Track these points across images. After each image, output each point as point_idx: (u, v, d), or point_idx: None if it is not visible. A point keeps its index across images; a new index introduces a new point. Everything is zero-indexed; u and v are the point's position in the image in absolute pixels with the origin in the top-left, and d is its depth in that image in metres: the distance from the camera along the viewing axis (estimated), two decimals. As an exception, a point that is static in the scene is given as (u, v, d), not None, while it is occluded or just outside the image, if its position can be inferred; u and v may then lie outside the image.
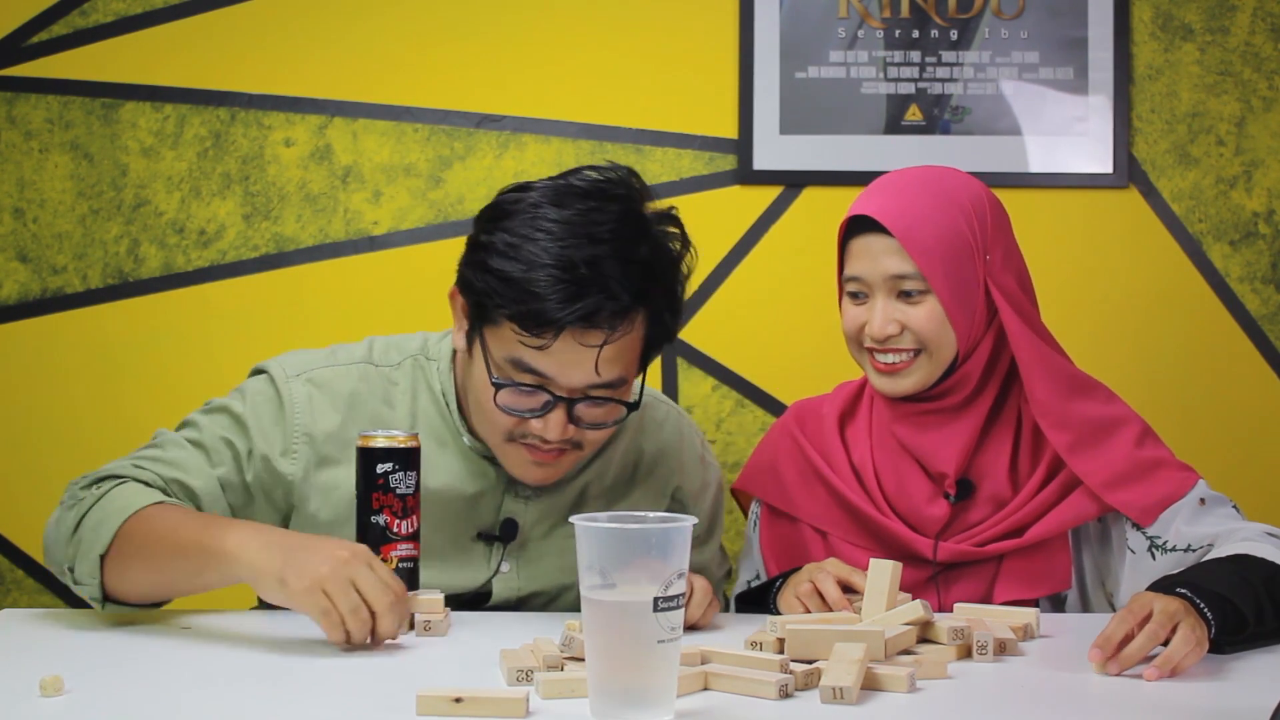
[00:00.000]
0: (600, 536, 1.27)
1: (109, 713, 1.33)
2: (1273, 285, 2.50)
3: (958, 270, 1.82)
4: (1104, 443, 1.85)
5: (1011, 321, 1.84)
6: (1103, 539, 1.89)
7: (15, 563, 2.55)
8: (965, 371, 1.86)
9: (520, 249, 1.64)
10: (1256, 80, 2.50)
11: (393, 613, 1.51)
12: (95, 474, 1.72)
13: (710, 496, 1.96)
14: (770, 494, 1.98)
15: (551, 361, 1.65)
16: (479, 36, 2.53)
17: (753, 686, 1.37)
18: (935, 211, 1.83)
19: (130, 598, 1.66)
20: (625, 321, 1.65)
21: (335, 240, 2.53)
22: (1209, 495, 1.85)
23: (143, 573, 1.62)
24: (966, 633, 1.54)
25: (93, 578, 1.63)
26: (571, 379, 1.66)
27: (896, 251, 1.81)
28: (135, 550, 1.61)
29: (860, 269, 1.85)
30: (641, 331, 1.70)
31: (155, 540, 1.61)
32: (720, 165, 2.53)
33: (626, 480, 1.88)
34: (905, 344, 1.83)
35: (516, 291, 1.63)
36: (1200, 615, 1.51)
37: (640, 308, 1.67)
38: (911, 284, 1.82)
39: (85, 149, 2.53)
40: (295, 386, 1.78)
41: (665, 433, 1.92)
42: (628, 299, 1.64)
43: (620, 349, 1.67)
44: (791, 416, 2.04)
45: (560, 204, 1.66)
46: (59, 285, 2.54)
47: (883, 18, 2.50)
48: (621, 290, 1.63)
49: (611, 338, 1.64)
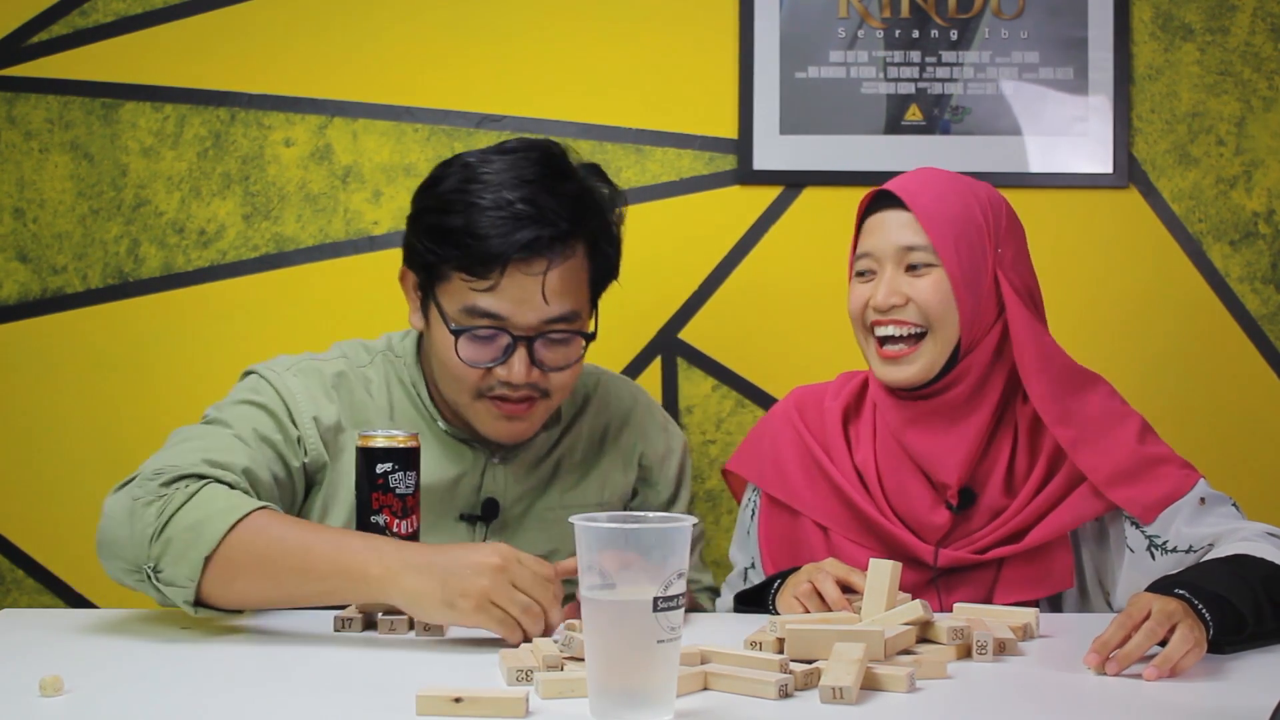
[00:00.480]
0: (600, 537, 1.27)
1: (109, 713, 1.33)
2: (1273, 285, 2.50)
3: (968, 250, 1.84)
4: (1106, 438, 1.85)
5: (1016, 312, 1.85)
6: (1101, 538, 1.89)
7: (15, 563, 2.55)
8: (969, 364, 1.86)
9: (455, 203, 1.77)
10: (1256, 80, 2.50)
11: (557, 601, 1.56)
12: (168, 468, 1.67)
13: (675, 462, 2.02)
14: (771, 484, 1.98)
15: (503, 300, 1.75)
16: (479, 36, 2.53)
17: (753, 686, 1.37)
18: (952, 194, 1.87)
19: (226, 605, 1.62)
20: (565, 248, 1.77)
21: (335, 240, 2.53)
22: (1209, 494, 1.85)
23: (256, 584, 1.59)
24: (966, 633, 1.54)
25: (191, 580, 1.58)
26: (525, 315, 1.76)
27: (909, 224, 1.85)
28: (250, 560, 1.58)
29: (871, 243, 1.88)
30: (585, 263, 1.81)
31: (275, 553, 1.58)
32: (720, 165, 2.53)
33: (595, 451, 1.96)
34: (908, 316, 1.84)
35: (459, 239, 1.75)
36: (1198, 616, 1.51)
37: (578, 237, 1.79)
38: (920, 255, 1.84)
39: (85, 149, 2.53)
40: (287, 378, 1.84)
41: (625, 403, 2.01)
42: (565, 225, 1.76)
43: (565, 279, 1.77)
44: (792, 403, 2.04)
45: (486, 162, 1.80)
46: (59, 285, 2.54)
47: (883, 18, 2.50)
48: (557, 218, 1.75)
49: (554, 264, 1.75)
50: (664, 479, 2.01)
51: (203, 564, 1.58)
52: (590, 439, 1.97)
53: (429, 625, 1.63)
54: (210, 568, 1.58)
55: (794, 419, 2.01)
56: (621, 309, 2.52)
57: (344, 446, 1.83)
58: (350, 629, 1.65)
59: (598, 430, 1.97)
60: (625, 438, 1.98)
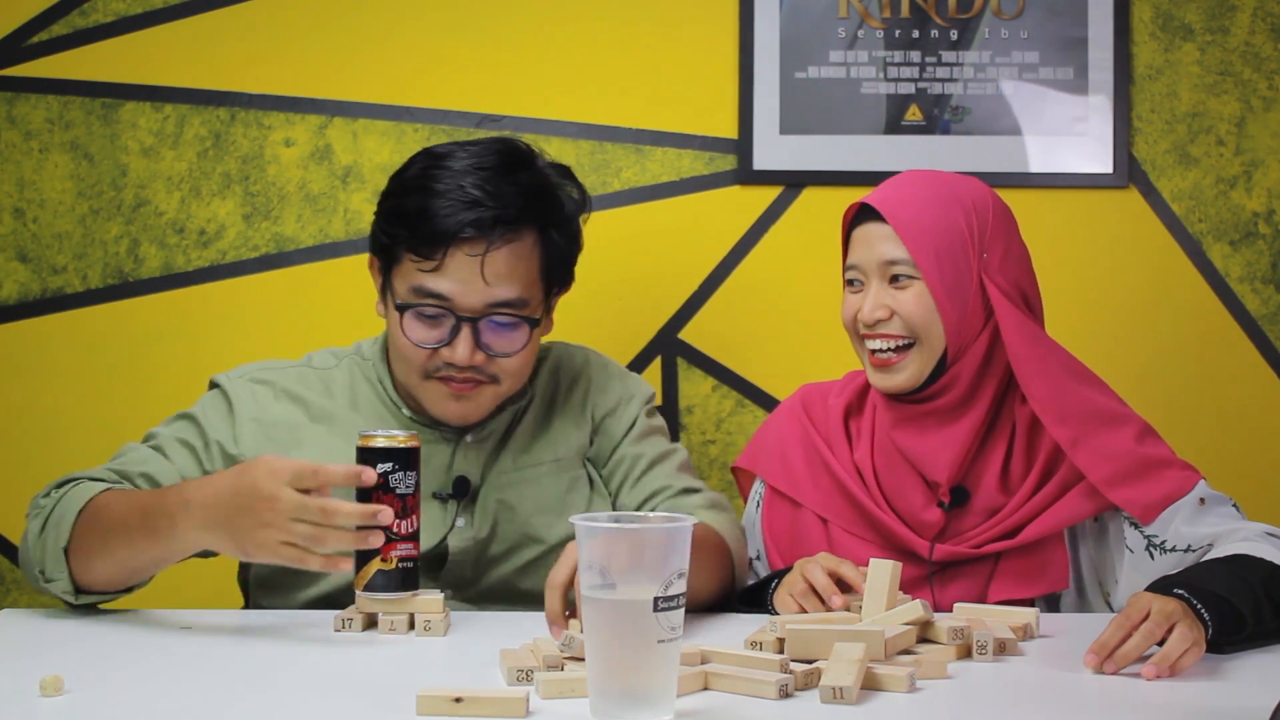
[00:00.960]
0: (600, 536, 1.27)
1: (109, 713, 1.33)
2: (1273, 285, 2.50)
3: (950, 261, 1.84)
4: (1105, 437, 1.85)
5: (1005, 315, 1.85)
6: (1100, 537, 1.89)
7: (15, 563, 2.55)
8: (958, 370, 1.86)
9: (414, 188, 1.84)
10: (1256, 80, 2.50)
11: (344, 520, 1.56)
12: (52, 484, 1.82)
13: (636, 405, 2.01)
14: (775, 476, 2.01)
15: (447, 281, 1.81)
16: (479, 36, 2.53)
17: (753, 686, 1.37)
18: (933, 203, 1.87)
19: (99, 583, 1.72)
20: (510, 232, 1.81)
21: (335, 240, 2.53)
22: (1209, 495, 1.85)
23: (108, 557, 1.69)
24: (966, 633, 1.54)
25: (60, 572, 1.71)
26: (469, 297, 1.81)
27: (890, 238, 1.85)
28: (97, 538, 1.69)
29: (857, 257, 1.89)
30: (535, 251, 1.85)
31: (109, 528, 1.69)
32: (720, 165, 2.53)
33: (547, 413, 1.98)
34: (894, 330, 1.86)
35: (410, 220, 1.82)
36: (1197, 616, 1.51)
37: (526, 223, 1.83)
38: (901, 269, 1.85)
39: (85, 149, 2.53)
40: (238, 385, 1.92)
41: (576, 363, 2.03)
42: (510, 210, 1.81)
43: (510, 263, 1.82)
44: (799, 400, 2.07)
45: (451, 154, 1.86)
46: (59, 285, 2.54)
47: (883, 18, 2.50)
48: (504, 202, 1.81)
49: (495, 245, 1.80)
50: (619, 424, 2.00)
51: (64, 555, 1.70)
52: (544, 402, 1.99)
53: (429, 625, 1.64)
54: (71, 556, 1.70)
55: (800, 414, 2.03)
56: (621, 309, 2.53)
57: (302, 440, 1.89)
58: (350, 629, 1.65)
59: (550, 394, 1.99)
60: (575, 395, 2.00)
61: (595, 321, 2.41)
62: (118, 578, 1.72)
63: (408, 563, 1.66)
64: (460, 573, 1.89)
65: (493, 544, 1.90)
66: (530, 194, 1.85)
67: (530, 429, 1.96)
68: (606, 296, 2.50)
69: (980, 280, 1.86)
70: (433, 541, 1.86)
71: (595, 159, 2.52)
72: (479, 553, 1.90)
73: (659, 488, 1.95)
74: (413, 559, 1.67)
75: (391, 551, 1.65)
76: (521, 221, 1.83)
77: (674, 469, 1.99)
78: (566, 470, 1.95)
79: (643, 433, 2.00)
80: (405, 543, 1.66)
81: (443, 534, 1.88)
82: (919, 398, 1.88)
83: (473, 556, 1.90)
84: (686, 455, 2.04)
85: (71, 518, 1.71)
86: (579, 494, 1.95)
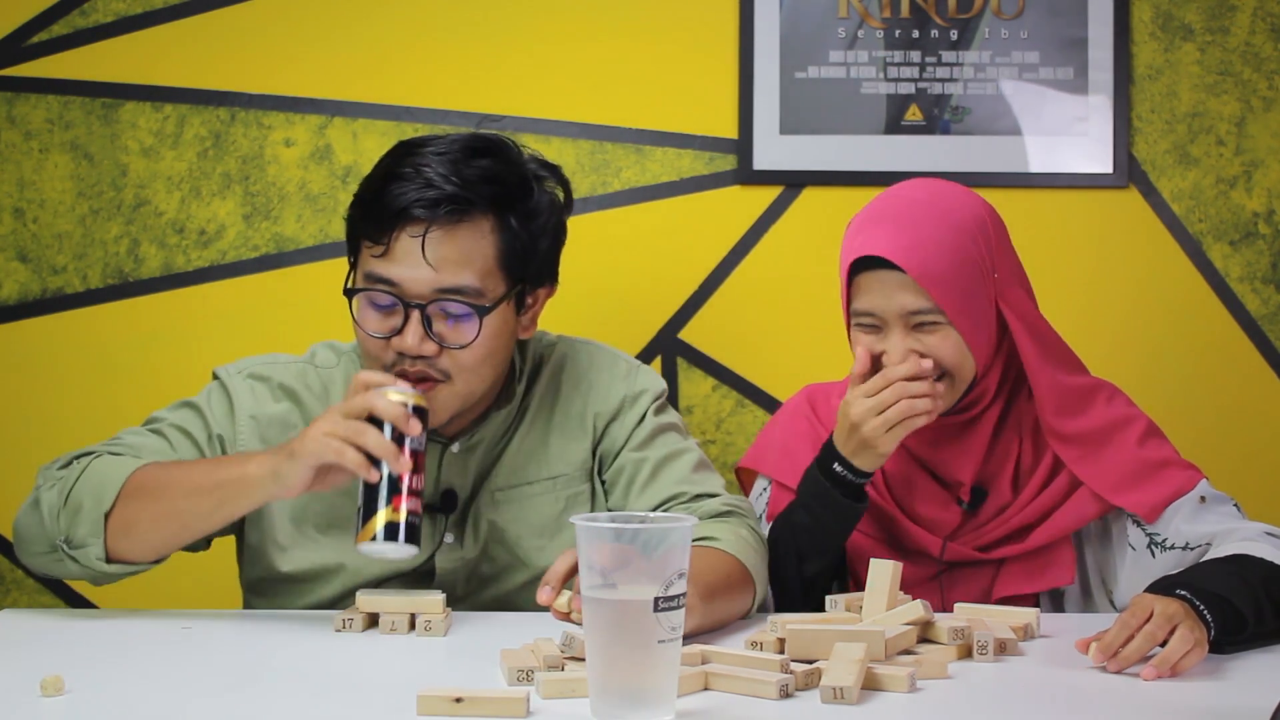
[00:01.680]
0: (600, 536, 1.27)
1: (109, 713, 1.33)
2: (1273, 285, 2.50)
3: (972, 297, 1.81)
4: (1107, 449, 1.86)
5: (1024, 342, 1.84)
6: (1103, 536, 1.89)
7: (15, 563, 2.55)
8: (983, 388, 1.86)
9: (377, 177, 1.80)
10: (1256, 80, 2.50)
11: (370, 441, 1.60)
12: (64, 457, 1.79)
13: (644, 404, 1.91)
14: (782, 473, 1.96)
15: (394, 265, 1.74)
16: (479, 36, 2.53)
17: (753, 686, 1.37)
18: (945, 240, 1.80)
19: (134, 553, 1.70)
20: (457, 213, 1.74)
21: (335, 240, 2.53)
22: (1210, 494, 1.85)
23: (154, 521, 1.68)
24: (966, 633, 1.54)
25: (96, 537, 1.68)
26: (416, 283, 1.74)
27: (910, 286, 1.79)
28: (145, 502, 1.68)
29: (873, 304, 1.82)
30: (492, 240, 1.77)
31: (164, 487, 1.69)
32: (720, 165, 2.53)
33: (546, 426, 1.90)
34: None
35: (365, 205, 1.78)
36: (1199, 617, 1.51)
37: (479, 208, 1.75)
38: (926, 316, 1.80)
39: (85, 149, 2.53)
40: (238, 381, 1.89)
41: (580, 363, 1.94)
42: (461, 193, 1.73)
43: (463, 249, 1.75)
44: (805, 399, 2.05)
45: (425, 142, 1.81)
46: (59, 285, 2.54)
47: (883, 18, 2.50)
48: (454, 185, 1.73)
49: (437, 225, 1.73)
50: (622, 428, 1.90)
51: (104, 520, 1.68)
52: (542, 413, 1.90)
53: (429, 625, 1.63)
54: (111, 522, 1.68)
55: (807, 411, 2.02)
56: (621, 309, 2.53)
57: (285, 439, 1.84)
58: (350, 629, 1.65)
59: (550, 402, 1.91)
60: (576, 404, 1.90)
61: (595, 321, 2.41)
62: (159, 542, 1.70)
63: (415, 518, 1.62)
64: (450, 590, 1.82)
65: (483, 565, 1.86)
66: (490, 178, 1.76)
67: (526, 442, 1.89)
68: (606, 296, 2.50)
69: (996, 303, 1.84)
70: (420, 558, 1.81)
71: (595, 159, 2.52)
72: (468, 573, 1.86)
73: (671, 495, 1.85)
74: (418, 516, 1.63)
75: (401, 504, 1.61)
76: (474, 205, 1.74)
77: (688, 470, 1.88)
78: (565, 489, 1.88)
79: (651, 433, 1.89)
80: (414, 498, 1.62)
81: (430, 551, 1.83)
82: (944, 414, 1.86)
83: (462, 576, 1.85)
84: (700, 453, 1.92)
85: (118, 484, 1.69)
86: (576, 514, 1.83)
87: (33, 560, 1.75)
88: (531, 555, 1.85)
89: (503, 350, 1.81)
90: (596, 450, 1.91)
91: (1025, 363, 1.85)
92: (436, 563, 1.84)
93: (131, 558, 1.71)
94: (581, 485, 1.90)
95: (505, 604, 1.86)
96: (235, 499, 1.67)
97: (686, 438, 1.94)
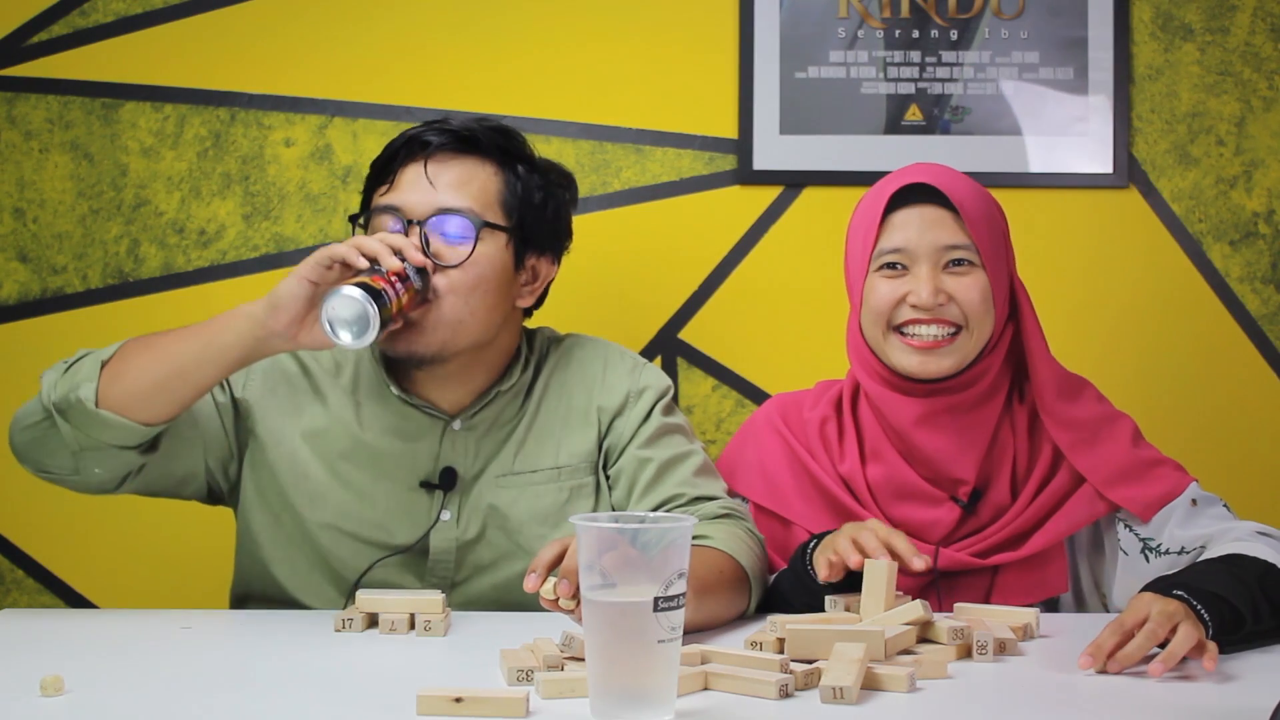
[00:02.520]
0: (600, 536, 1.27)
1: (109, 713, 1.33)
2: (1273, 285, 2.50)
3: (1000, 251, 1.85)
4: (1102, 441, 1.86)
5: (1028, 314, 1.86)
6: (1095, 545, 1.89)
7: (15, 563, 2.55)
8: (989, 362, 1.86)
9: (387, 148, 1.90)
10: (1256, 80, 2.50)
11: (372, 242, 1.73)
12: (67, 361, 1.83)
13: (648, 401, 1.94)
14: (760, 495, 1.95)
15: (399, 194, 1.85)
16: (479, 36, 2.53)
17: (753, 686, 1.37)
18: (979, 192, 1.86)
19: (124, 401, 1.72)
20: (461, 149, 1.86)
21: (335, 240, 2.53)
22: (1200, 496, 1.86)
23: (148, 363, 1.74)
24: (966, 633, 1.54)
25: (90, 381, 1.73)
26: (418, 205, 1.83)
27: (947, 222, 1.82)
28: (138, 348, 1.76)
29: (905, 239, 1.83)
30: (496, 179, 1.87)
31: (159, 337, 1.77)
32: (720, 165, 2.53)
33: (553, 414, 1.93)
34: (949, 316, 1.82)
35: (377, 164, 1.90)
36: (1197, 616, 1.51)
37: (481, 150, 1.87)
38: (963, 254, 1.81)
39: (85, 149, 2.53)
40: None
41: (589, 358, 1.97)
42: (468, 135, 1.85)
43: (463, 177, 1.85)
44: (775, 410, 2.01)
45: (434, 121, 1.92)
46: (59, 285, 2.54)
47: (883, 18, 2.50)
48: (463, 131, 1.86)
49: (440, 154, 1.84)
50: (627, 424, 1.92)
51: (99, 368, 1.73)
52: (550, 401, 1.93)
53: (429, 625, 1.63)
54: (105, 371, 1.73)
55: (779, 425, 1.98)
56: (621, 309, 2.53)
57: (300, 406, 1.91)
58: (350, 629, 1.65)
59: (558, 393, 1.94)
60: (581, 397, 1.93)
61: (595, 321, 2.40)
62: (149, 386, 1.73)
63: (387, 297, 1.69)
64: (444, 573, 1.86)
65: (480, 549, 1.87)
66: (494, 130, 1.89)
67: (532, 431, 1.91)
68: (606, 296, 2.50)
69: (1011, 276, 1.85)
70: (416, 535, 1.85)
71: (595, 159, 2.52)
72: (463, 555, 1.87)
73: (670, 496, 1.87)
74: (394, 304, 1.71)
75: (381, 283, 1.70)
76: (479, 145, 1.87)
77: (690, 473, 1.89)
78: (569, 479, 1.90)
79: (655, 433, 1.91)
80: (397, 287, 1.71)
81: (426, 528, 1.86)
82: (944, 387, 1.85)
83: (456, 558, 1.87)
84: (705, 457, 1.93)
85: (116, 345, 1.77)
86: (579, 505, 1.89)
87: (22, 435, 1.79)
88: (533, 543, 1.86)
89: (496, 292, 1.86)
90: (602, 444, 1.93)
91: (1028, 341, 1.85)
92: (431, 540, 1.86)
93: (121, 408, 1.72)
94: (586, 477, 1.92)
95: (504, 593, 1.87)
96: (223, 334, 1.73)
97: (692, 440, 1.96)
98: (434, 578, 1.87)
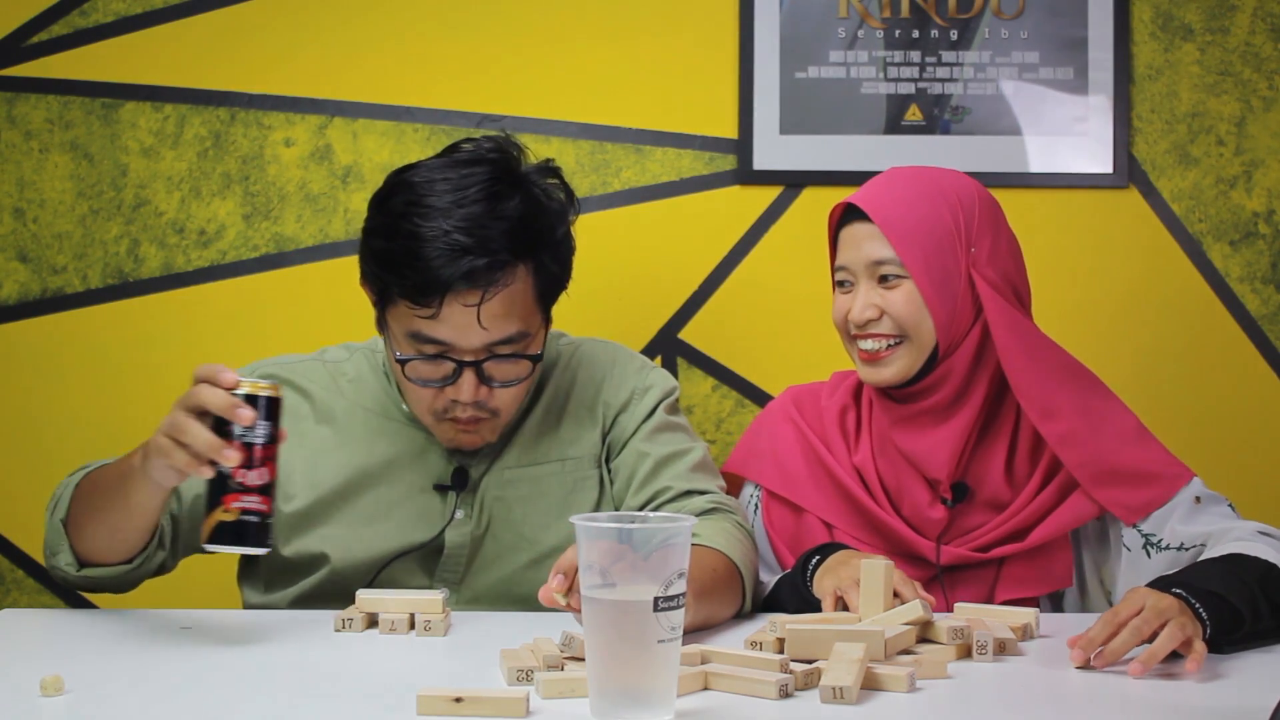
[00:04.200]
0: (600, 536, 1.27)
1: (109, 713, 1.33)
2: (1273, 285, 2.50)
3: (937, 258, 1.85)
4: (1095, 435, 1.86)
5: (994, 310, 1.85)
6: (1101, 538, 1.89)
7: (15, 563, 2.55)
8: (950, 366, 1.87)
9: (399, 230, 1.77)
10: (1256, 80, 2.50)
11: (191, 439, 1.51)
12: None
13: (652, 399, 1.95)
14: (774, 481, 1.98)
15: (445, 328, 1.76)
16: (479, 36, 2.53)
17: (753, 686, 1.37)
18: (918, 201, 1.87)
19: (97, 553, 1.74)
20: (504, 275, 1.76)
21: (335, 240, 2.53)
22: (1204, 494, 1.85)
23: (94, 521, 1.72)
24: (966, 633, 1.54)
25: (60, 543, 1.75)
26: (469, 341, 1.77)
27: (876, 237, 1.86)
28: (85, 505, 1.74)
29: (845, 257, 1.90)
30: (530, 283, 1.80)
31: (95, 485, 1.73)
32: (720, 165, 2.53)
33: (559, 411, 1.95)
34: (884, 329, 1.86)
35: (401, 269, 1.76)
36: (1195, 615, 1.51)
37: (518, 261, 1.77)
38: (889, 269, 1.86)
39: (85, 149, 2.53)
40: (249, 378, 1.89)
41: (600, 360, 1.98)
42: (503, 254, 1.75)
43: (506, 304, 1.77)
44: (789, 400, 2.05)
45: (431, 179, 1.79)
46: (59, 285, 2.54)
47: (883, 18, 2.50)
48: (496, 247, 1.74)
49: (490, 293, 1.75)
50: (630, 419, 1.94)
51: (62, 528, 1.75)
52: (557, 400, 1.95)
53: (429, 625, 1.64)
54: (69, 529, 1.75)
55: (793, 415, 2.02)
56: (621, 309, 2.53)
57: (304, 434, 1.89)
58: (350, 629, 1.65)
59: (565, 390, 1.96)
60: (589, 394, 1.95)
61: (595, 321, 2.41)
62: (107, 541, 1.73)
63: (251, 516, 1.54)
64: (455, 568, 1.88)
65: (487, 541, 1.89)
66: (519, 228, 1.77)
67: (539, 426, 1.93)
68: (606, 296, 2.50)
69: (969, 275, 1.86)
70: (431, 533, 1.86)
71: (595, 159, 2.52)
72: (474, 549, 1.89)
73: (661, 489, 1.89)
74: (259, 514, 1.55)
75: (233, 502, 1.54)
76: (513, 262, 1.77)
77: (686, 469, 1.91)
78: (574, 472, 1.92)
79: (656, 429, 1.93)
80: (251, 495, 1.54)
81: (441, 526, 1.87)
82: (912, 393, 1.88)
83: (468, 552, 1.88)
84: (704, 454, 1.94)
85: (69, 493, 1.76)
86: (583, 497, 1.91)
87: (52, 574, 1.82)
88: (537, 533, 1.88)
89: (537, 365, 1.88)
90: (606, 439, 1.95)
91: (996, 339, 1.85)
92: (446, 537, 1.88)
93: (98, 558, 1.75)
94: (590, 470, 1.93)
95: (509, 587, 1.89)
96: (136, 490, 1.65)
97: (694, 440, 1.97)
98: (445, 573, 1.88)
